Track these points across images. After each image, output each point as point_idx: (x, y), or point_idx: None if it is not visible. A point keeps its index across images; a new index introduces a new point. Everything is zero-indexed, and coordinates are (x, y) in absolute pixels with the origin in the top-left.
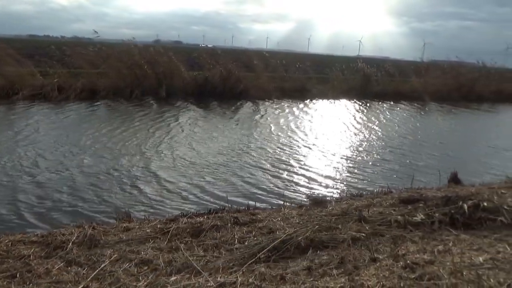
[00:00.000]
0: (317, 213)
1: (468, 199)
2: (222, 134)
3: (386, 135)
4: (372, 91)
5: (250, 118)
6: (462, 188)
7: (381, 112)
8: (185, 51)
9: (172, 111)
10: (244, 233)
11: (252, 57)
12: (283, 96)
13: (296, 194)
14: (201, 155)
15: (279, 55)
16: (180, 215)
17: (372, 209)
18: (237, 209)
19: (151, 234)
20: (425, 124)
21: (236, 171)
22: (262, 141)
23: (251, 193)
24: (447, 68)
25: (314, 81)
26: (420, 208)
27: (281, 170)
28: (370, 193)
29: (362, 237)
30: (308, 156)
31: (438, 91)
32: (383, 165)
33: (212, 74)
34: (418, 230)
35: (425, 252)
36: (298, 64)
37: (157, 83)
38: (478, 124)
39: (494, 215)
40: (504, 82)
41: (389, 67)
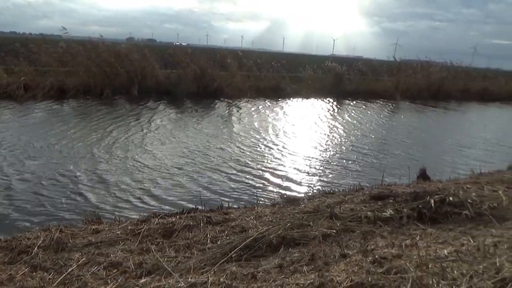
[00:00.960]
0: (290, 211)
1: (435, 194)
2: (194, 134)
3: (358, 133)
4: (345, 89)
5: (223, 117)
6: (430, 184)
7: (353, 110)
8: (159, 50)
9: (143, 111)
10: (216, 233)
11: (226, 56)
12: (257, 95)
13: (270, 192)
14: (175, 155)
15: (254, 54)
16: (152, 216)
17: (344, 205)
18: (210, 208)
19: (121, 236)
20: (396, 122)
21: (208, 171)
22: (235, 141)
23: (225, 192)
24: (418, 67)
25: (288, 80)
26: (390, 204)
27: (255, 169)
28: (342, 190)
29: (333, 234)
30: (281, 155)
31: (409, 90)
32: (355, 162)
33: (185, 73)
34: (388, 225)
35: (393, 246)
36: (273, 63)
37: (129, 82)
38: (446, 122)
39: (459, 209)
40: (470, 81)
41: (362, 66)
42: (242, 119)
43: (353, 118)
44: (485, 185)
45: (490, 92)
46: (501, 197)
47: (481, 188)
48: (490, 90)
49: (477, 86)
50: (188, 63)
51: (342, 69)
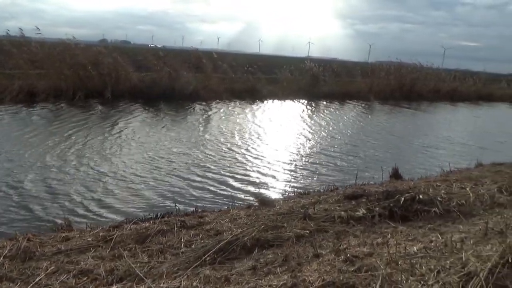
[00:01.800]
0: (265, 213)
1: (405, 193)
2: (166, 138)
3: (333, 134)
4: (321, 91)
5: (197, 121)
6: (402, 182)
7: (328, 111)
8: (133, 52)
9: (115, 114)
10: (191, 237)
11: (201, 58)
12: (233, 97)
13: (245, 195)
14: (148, 160)
15: (230, 56)
16: (124, 221)
17: (318, 206)
18: (185, 213)
19: (92, 243)
20: (370, 123)
21: (183, 175)
22: (209, 144)
23: (200, 196)
24: (390, 69)
25: (264, 82)
26: (363, 203)
27: (230, 172)
28: (317, 191)
29: (306, 234)
30: (257, 157)
31: (382, 91)
32: (330, 163)
33: (160, 75)
34: (360, 224)
35: (365, 245)
36: (248, 65)
37: (102, 85)
38: (417, 123)
39: (428, 206)
40: (441, 82)
41: (337, 68)
42: (216, 122)
43: (328, 119)
44: (454, 183)
45: (459, 93)
46: (468, 194)
47: (450, 186)
48: (459, 90)
49: (447, 87)
50: (162, 66)
51: (318, 70)
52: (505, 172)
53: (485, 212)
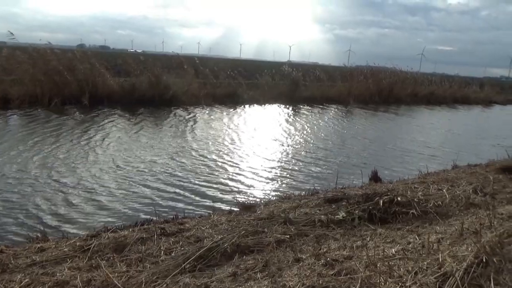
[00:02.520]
0: (246, 218)
1: (384, 195)
2: (147, 143)
3: (313, 138)
4: (301, 95)
5: (179, 125)
6: (381, 185)
7: (309, 116)
8: (113, 57)
9: (90, 121)
10: (171, 244)
11: (182, 63)
12: (214, 102)
13: (227, 200)
14: (126, 165)
15: (212, 60)
16: (102, 230)
17: (299, 210)
18: (165, 219)
19: (69, 253)
20: (350, 127)
21: (163, 181)
22: (189, 150)
23: (181, 202)
24: (369, 73)
25: (245, 86)
26: (343, 207)
27: (211, 177)
28: (298, 195)
29: (287, 239)
30: (238, 162)
31: (362, 94)
32: (311, 166)
33: (140, 80)
34: (340, 227)
35: (345, 248)
36: (229, 70)
37: (79, 91)
38: (396, 126)
39: (406, 208)
40: (418, 86)
41: (317, 72)
42: (196, 128)
43: (308, 123)
44: (431, 184)
45: (436, 96)
46: (445, 195)
47: (427, 187)
48: (436, 94)
49: (424, 90)
50: (141, 71)
51: (299, 75)
52: (479, 173)
53: (461, 213)
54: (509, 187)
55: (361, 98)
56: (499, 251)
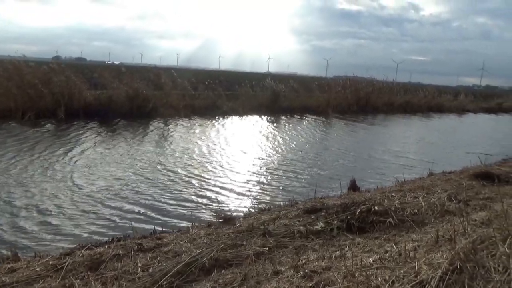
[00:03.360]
0: (225, 231)
1: (362, 205)
2: (124, 156)
3: (293, 149)
4: (281, 106)
5: (156, 138)
6: (359, 194)
7: (288, 126)
8: (89, 69)
9: (66, 135)
10: (148, 260)
11: (160, 75)
12: (193, 114)
13: (206, 213)
14: (105, 180)
15: (190, 72)
16: (77, 248)
17: (279, 221)
18: (142, 235)
19: (41, 273)
20: (328, 137)
21: (141, 196)
22: (168, 162)
23: (159, 217)
24: (347, 83)
25: (225, 98)
26: (322, 217)
27: (191, 190)
28: (278, 206)
29: (266, 251)
30: (217, 174)
31: (340, 104)
32: (291, 177)
33: (117, 93)
34: (319, 238)
35: (324, 259)
36: (208, 81)
37: (54, 104)
38: (373, 135)
39: (384, 217)
40: (394, 95)
41: (296, 83)
42: (175, 140)
43: (288, 134)
44: (408, 192)
45: (411, 105)
46: (421, 203)
47: (404, 196)
48: (411, 103)
49: (400, 99)
50: (118, 83)
51: (279, 87)
52: (454, 180)
53: (436, 220)
54: (482, 193)
55: (340, 108)
56: (473, 258)
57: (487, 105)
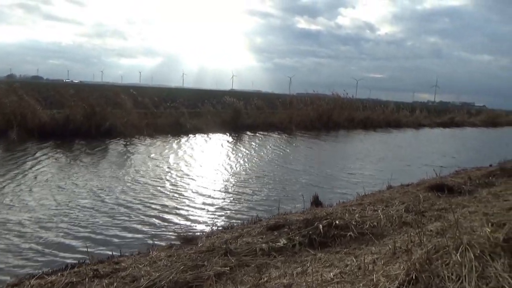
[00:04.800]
0: (187, 252)
1: (323, 219)
2: (82, 178)
3: (256, 166)
4: (244, 123)
5: (115, 158)
6: (321, 209)
7: (251, 144)
8: (45, 88)
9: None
10: (104, 287)
11: (119, 93)
12: (156, 133)
13: (167, 234)
14: (52, 205)
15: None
16: (26, 277)
17: (241, 239)
18: (98, 260)
19: None
20: (291, 153)
21: (98, 218)
22: (127, 183)
23: (117, 241)
24: (309, 100)
25: (188, 116)
26: (284, 233)
27: (150, 211)
28: (241, 224)
29: (227, 271)
30: (179, 194)
31: (303, 121)
32: (254, 194)
33: (74, 112)
34: (281, 255)
35: (286, 276)
36: (171, 99)
37: (5, 125)
38: (335, 150)
39: (344, 231)
40: (354, 111)
41: (258, 100)
42: (134, 160)
43: (251, 151)
44: (368, 206)
45: (371, 121)
46: (380, 216)
47: (364, 209)
48: (371, 118)
49: (361, 115)
50: (75, 102)
51: (240, 104)
52: (411, 192)
53: (395, 232)
54: (437, 204)
55: (302, 124)
56: (428, 267)
57: (440, 120)
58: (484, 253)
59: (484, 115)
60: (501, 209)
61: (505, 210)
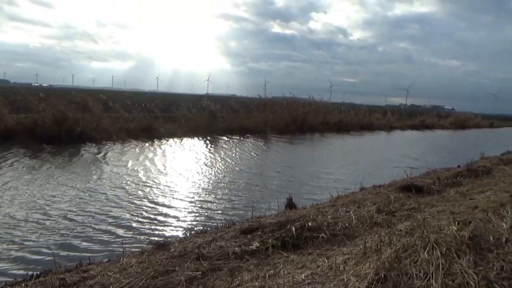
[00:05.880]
0: (158, 258)
1: (296, 222)
2: (44, 183)
3: (231, 169)
4: (219, 127)
5: (85, 163)
6: (295, 211)
7: (226, 147)
8: (12, 91)
9: None
10: None
11: (88, 98)
12: (128, 137)
13: (139, 240)
14: (19, 213)
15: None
16: None
17: (215, 244)
18: (66, 268)
19: None
20: (266, 156)
21: (69, 226)
22: (97, 189)
23: (87, 248)
24: (284, 103)
25: (162, 120)
26: (258, 236)
27: (122, 217)
28: (215, 228)
29: (199, 276)
30: (152, 200)
31: (278, 124)
32: (229, 198)
33: (42, 117)
34: (254, 258)
35: (258, 278)
36: (144, 103)
37: None
38: (310, 153)
39: (317, 232)
40: (329, 114)
41: (234, 104)
42: (105, 165)
43: (226, 155)
44: (340, 207)
45: (345, 124)
46: (352, 217)
47: (336, 210)
48: (345, 121)
49: (335, 118)
50: (44, 107)
51: (216, 107)
52: (383, 193)
53: (366, 232)
54: (407, 204)
55: (277, 127)
56: (397, 266)
57: (411, 123)
58: (450, 251)
59: (453, 118)
60: (467, 207)
61: (471, 208)
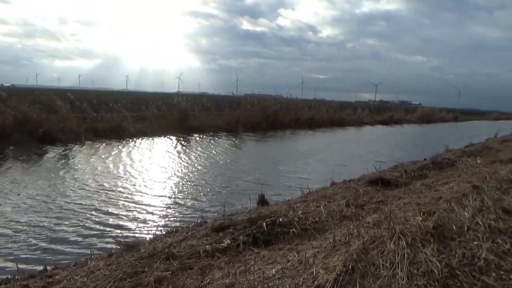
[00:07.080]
0: (127, 259)
1: (267, 218)
2: (9, 189)
3: (202, 168)
4: (191, 125)
5: (50, 165)
6: (267, 208)
7: (197, 146)
8: None
9: None
10: None
11: (53, 97)
12: (97, 138)
13: (107, 242)
14: None
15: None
16: None
17: (186, 243)
18: (30, 274)
19: None
20: (238, 154)
21: (31, 231)
22: (62, 191)
23: (52, 253)
24: (255, 101)
25: (131, 119)
26: (229, 234)
27: (89, 220)
28: (186, 227)
29: (169, 276)
30: (120, 200)
31: (249, 122)
32: (200, 197)
33: (3, 118)
34: (225, 255)
35: (229, 276)
36: (113, 103)
37: None
38: (281, 150)
39: (288, 228)
40: (300, 111)
41: (206, 102)
42: (70, 166)
43: (197, 153)
44: (311, 202)
45: (316, 120)
46: (322, 212)
47: (307, 206)
48: (316, 118)
49: (306, 115)
50: (4, 108)
51: (187, 105)
52: (353, 188)
53: (335, 226)
54: (376, 197)
55: (249, 125)
56: (364, 257)
57: (381, 118)
58: (415, 240)
59: (419, 113)
60: (432, 198)
61: (435, 199)
